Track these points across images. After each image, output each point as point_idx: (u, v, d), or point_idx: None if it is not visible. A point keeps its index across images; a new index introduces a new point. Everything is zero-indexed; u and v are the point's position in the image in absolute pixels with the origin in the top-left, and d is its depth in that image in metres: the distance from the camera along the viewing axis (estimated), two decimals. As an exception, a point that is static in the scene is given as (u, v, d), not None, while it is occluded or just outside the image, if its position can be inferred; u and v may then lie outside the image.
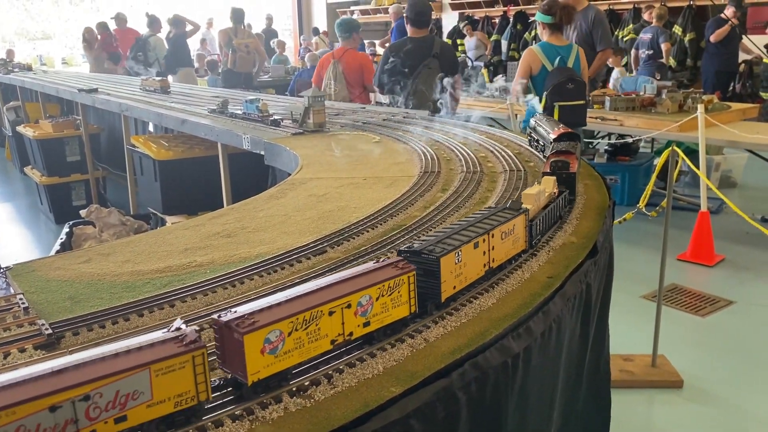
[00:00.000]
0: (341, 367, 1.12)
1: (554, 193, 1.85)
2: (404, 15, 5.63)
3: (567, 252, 1.67)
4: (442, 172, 2.57)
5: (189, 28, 10.35)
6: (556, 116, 4.47)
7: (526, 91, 4.83)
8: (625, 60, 10.44)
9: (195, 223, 2.08)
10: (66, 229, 4.62)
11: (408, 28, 5.34)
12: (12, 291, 1.56)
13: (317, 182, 2.58)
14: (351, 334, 1.13)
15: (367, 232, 1.88)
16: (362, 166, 2.82)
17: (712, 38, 8.67)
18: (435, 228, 1.86)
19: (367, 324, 1.15)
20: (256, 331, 0.99)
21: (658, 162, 4.01)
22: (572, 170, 1.99)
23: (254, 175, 4.62)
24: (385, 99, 5.90)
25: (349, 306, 1.12)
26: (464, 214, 2.01)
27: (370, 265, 1.21)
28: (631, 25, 10.76)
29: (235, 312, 1.01)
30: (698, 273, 5.02)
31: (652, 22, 8.99)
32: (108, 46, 11.11)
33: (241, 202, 2.34)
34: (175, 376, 0.90)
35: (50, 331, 1.25)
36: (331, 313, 1.10)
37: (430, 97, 4.56)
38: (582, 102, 4.75)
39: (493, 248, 1.42)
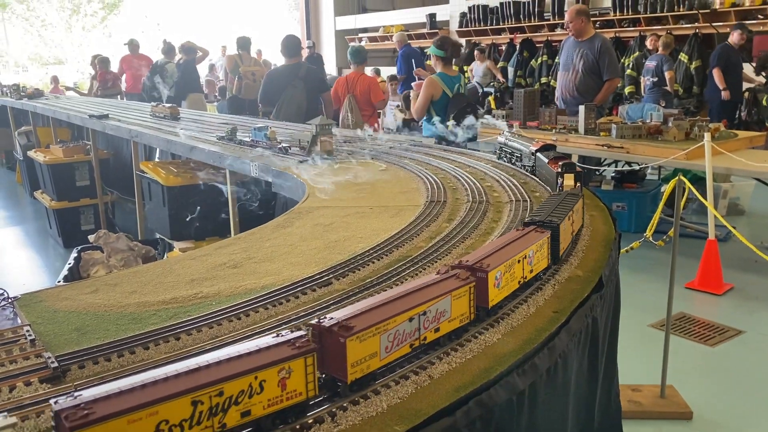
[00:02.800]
0: (345, 404, 1.11)
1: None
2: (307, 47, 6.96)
3: (573, 286, 1.66)
4: (447, 202, 2.58)
5: (199, 54, 10.50)
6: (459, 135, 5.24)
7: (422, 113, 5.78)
8: (631, 88, 10.50)
9: (202, 252, 2.09)
10: (74, 254, 4.65)
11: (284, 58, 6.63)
12: (19, 321, 1.57)
13: (323, 211, 2.59)
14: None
15: (373, 263, 1.88)
16: (368, 195, 2.84)
17: (715, 76, 8.67)
18: (441, 259, 1.87)
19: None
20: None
21: (666, 190, 4.00)
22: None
23: (261, 201, 4.65)
24: (393, 121, 6.63)
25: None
26: (470, 245, 2.02)
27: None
28: (636, 53, 10.83)
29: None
30: (706, 302, 4.98)
31: (656, 50, 9.05)
32: (103, 84, 11.31)
33: (248, 232, 2.35)
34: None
35: (56, 364, 1.25)
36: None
37: (295, 111, 6.16)
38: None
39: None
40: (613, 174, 7.06)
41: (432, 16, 15.31)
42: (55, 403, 0.87)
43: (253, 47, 10.16)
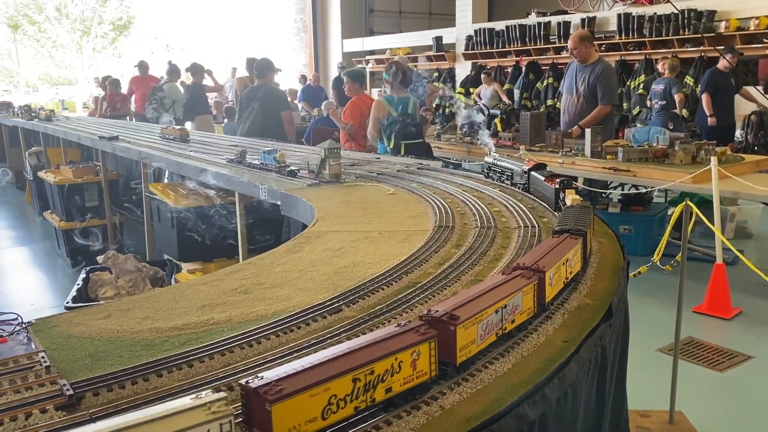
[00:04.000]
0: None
1: None
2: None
3: (582, 314, 1.67)
4: (456, 227, 2.59)
5: (205, 80, 10.63)
6: (402, 152, 5.75)
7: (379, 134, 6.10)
8: (637, 109, 10.53)
9: (213, 277, 2.11)
10: (83, 275, 4.68)
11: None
12: (33, 347, 1.59)
13: (333, 236, 2.61)
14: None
15: (382, 290, 1.89)
16: (377, 219, 2.86)
17: (703, 102, 8.68)
18: (450, 286, 1.88)
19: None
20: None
21: (673, 215, 4.01)
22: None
23: (269, 223, 4.67)
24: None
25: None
26: (479, 272, 2.03)
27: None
28: (642, 76, 10.88)
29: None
30: (715, 326, 4.96)
31: (663, 74, 9.09)
32: (112, 105, 11.45)
33: (258, 257, 2.37)
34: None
35: (71, 391, 1.27)
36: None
37: (251, 127, 6.89)
38: (421, 140, 6.05)
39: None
40: (620, 197, 7.07)
41: (438, 38, 15.45)
42: (247, 382, 1.03)
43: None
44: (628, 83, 11.20)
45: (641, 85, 10.75)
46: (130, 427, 0.88)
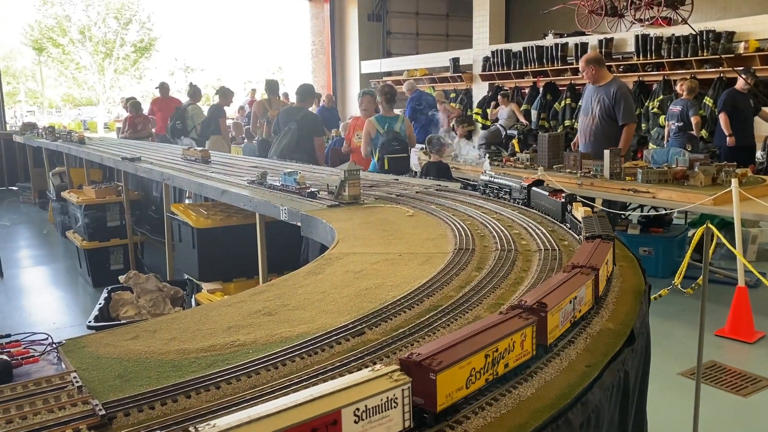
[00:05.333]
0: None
1: None
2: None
3: (604, 339, 1.68)
4: (476, 250, 2.60)
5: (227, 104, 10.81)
6: (386, 166, 6.28)
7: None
8: (654, 130, 10.50)
9: (237, 299, 2.14)
10: (104, 295, 4.74)
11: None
12: (64, 367, 1.62)
13: (353, 258, 2.64)
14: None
15: (404, 312, 1.91)
16: (397, 241, 2.88)
17: (721, 122, 8.64)
18: (472, 310, 1.89)
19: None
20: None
21: (694, 237, 3.99)
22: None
23: (288, 243, 4.71)
24: (417, 164, 7.24)
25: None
26: (500, 296, 2.04)
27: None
28: (661, 96, 10.86)
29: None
30: (737, 350, 4.90)
31: (681, 95, 9.07)
32: (133, 127, 11.63)
33: (280, 278, 2.40)
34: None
35: (104, 411, 1.30)
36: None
37: (286, 148, 7.22)
38: (405, 155, 6.51)
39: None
40: (639, 219, 7.04)
41: (455, 60, 15.56)
42: (411, 355, 1.21)
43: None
44: (646, 104, 11.19)
45: (657, 104, 10.74)
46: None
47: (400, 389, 1.12)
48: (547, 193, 3.15)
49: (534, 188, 3.33)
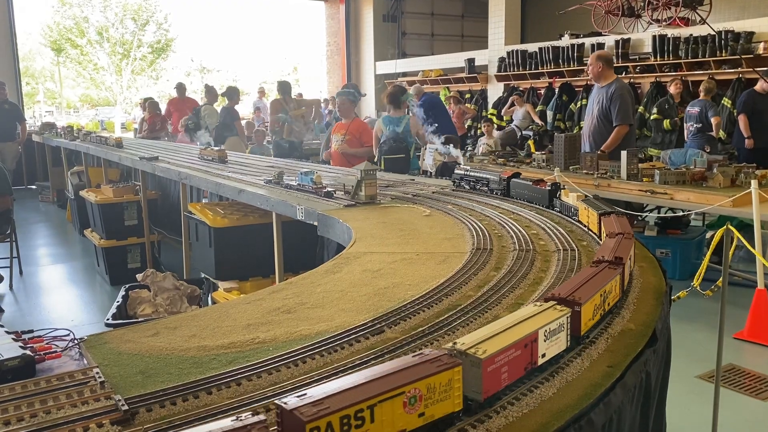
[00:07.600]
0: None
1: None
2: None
3: (626, 340, 1.66)
4: (494, 250, 2.59)
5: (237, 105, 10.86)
6: (382, 166, 6.38)
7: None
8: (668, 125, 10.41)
9: (256, 297, 2.15)
10: (122, 293, 4.78)
11: None
12: (86, 362, 1.64)
13: (371, 257, 2.64)
14: (608, 305, 1.76)
15: (423, 311, 1.91)
16: (414, 241, 2.88)
17: (740, 123, 8.54)
18: (491, 309, 1.89)
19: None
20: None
21: (714, 239, 3.95)
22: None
23: (303, 243, 4.72)
24: (433, 164, 6.97)
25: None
26: (519, 296, 2.03)
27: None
28: (658, 107, 10.78)
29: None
30: (757, 353, 4.84)
31: (698, 96, 8.99)
32: (151, 127, 11.71)
33: (299, 277, 2.41)
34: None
35: (126, 407, 1.31)
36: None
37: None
38: (402, 156, 6.60)
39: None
40: (657, 220, 6.98)
41: (471, 60, 15.53)
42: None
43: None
44: (638, 110, 11.10)
45: (656, 110, 10.65)
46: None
47: (565, 317, 1.48)
48: (530, 183, 3.48)
49: (514, 179, 3.68)
